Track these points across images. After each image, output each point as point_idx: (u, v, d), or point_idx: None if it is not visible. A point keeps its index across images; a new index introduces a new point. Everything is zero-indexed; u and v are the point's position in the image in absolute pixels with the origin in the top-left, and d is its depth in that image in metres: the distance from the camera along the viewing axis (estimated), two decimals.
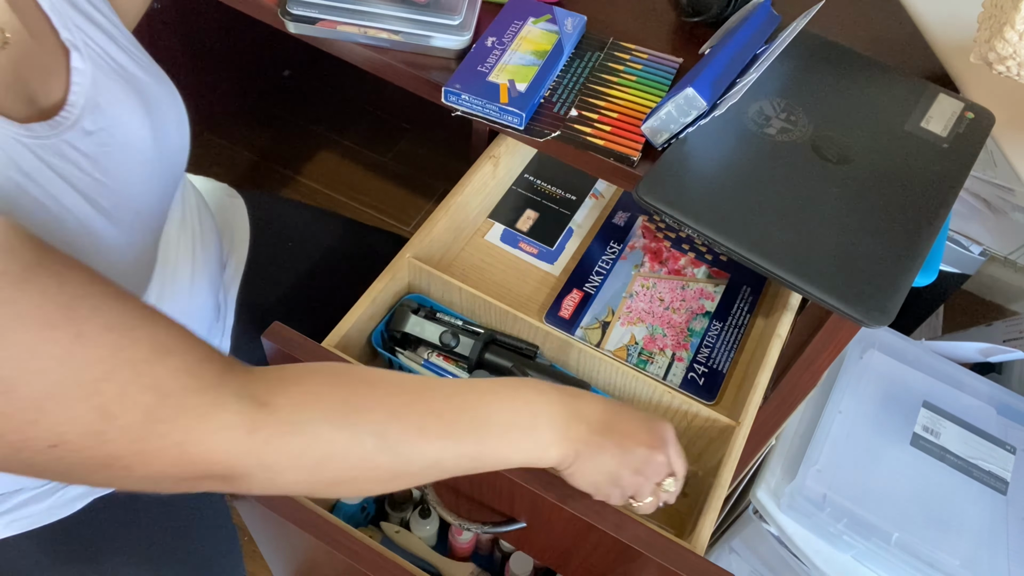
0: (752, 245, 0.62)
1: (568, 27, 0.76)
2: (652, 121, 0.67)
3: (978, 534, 0.91)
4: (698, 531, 0.62)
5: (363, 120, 1.91)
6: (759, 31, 0.74)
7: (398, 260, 0.76)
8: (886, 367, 1.06)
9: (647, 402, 0.73)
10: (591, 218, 0.93)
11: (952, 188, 0.68)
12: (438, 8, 0.72)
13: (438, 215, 0.80)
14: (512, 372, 0.72)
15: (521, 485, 0.58)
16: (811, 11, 0.75)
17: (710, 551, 1.13)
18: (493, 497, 0.63)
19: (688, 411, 0.71)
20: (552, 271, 0.87)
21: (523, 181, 0.95)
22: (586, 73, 0.74)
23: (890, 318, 0.60)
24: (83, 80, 0.54)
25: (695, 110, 0.65)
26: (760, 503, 0.95)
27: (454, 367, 0.74)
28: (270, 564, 0.99)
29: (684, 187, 0.63)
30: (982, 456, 0.98)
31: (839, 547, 0.92)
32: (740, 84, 0.68)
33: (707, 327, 0.84)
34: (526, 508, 0.62)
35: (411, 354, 0.76)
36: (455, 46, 0.73)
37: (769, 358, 0.73)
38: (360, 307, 0.72)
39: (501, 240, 0.89)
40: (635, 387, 0.73)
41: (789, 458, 0.97)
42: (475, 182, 0.84)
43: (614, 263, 0.88)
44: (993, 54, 0.63)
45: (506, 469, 0.54)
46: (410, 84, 0.74)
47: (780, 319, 0.77)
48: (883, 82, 0.75)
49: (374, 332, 0.75)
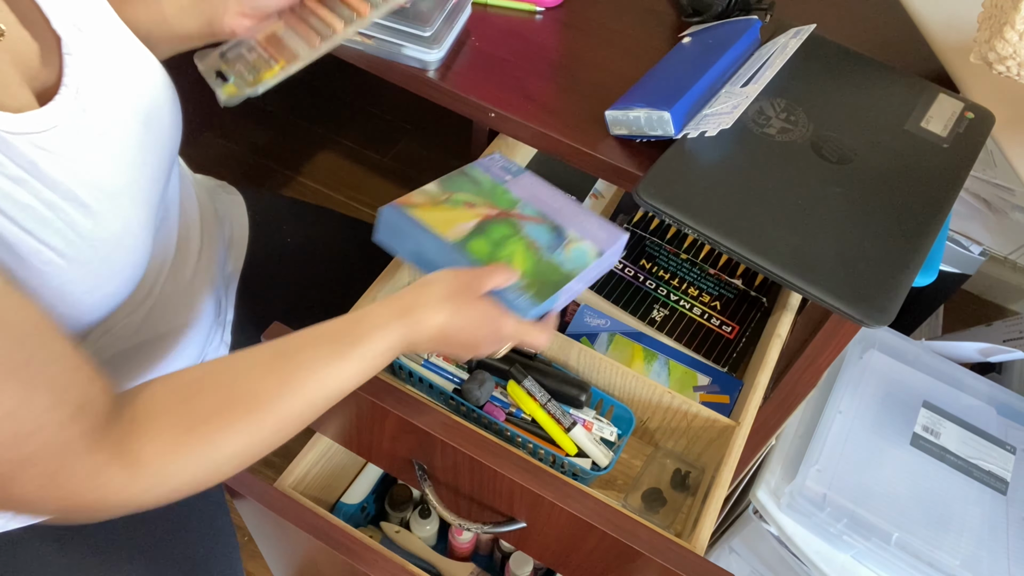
0: (752, 245, 0.62)
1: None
2: (618, 114, 0.67)
3: (978, 534, 0.91)
4: (698, 531, 0.62)
5: (363, 120, 1.91)
6: (743, 55, 0.75)
7: (399, 260, 0.76)
8: (886, 367, 1.06)
9: (647, 402, 0.73)
10: None
11: (952, 188, 0.68)
12: (410, 17, 0.71)
13: None
14: (511, 373, 0.72)
15: (521, 485, 0.58)
16: (804, 31, 0.75)
17: (710, 551, 1.13)
18: (493, 497, 0.63)
19: (688, 411, 0.71)
20: None
21: None
22: None
23: (890, 318, 0.60)
24: (75, 63, 0.55)
25: (662, 131, 0.66)
26: (760, 503, 0.95)
27: (454, 367, 0.74)
28: (270, 564, 0.99)
29: (684, 187, 0.63)
30: (982, 456, 0.98)
31: (839, 547, 0.92)
32: (731, 105, 0.68)
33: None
34: (526, 508, 0.62)
35: (411, 354, 0.75)
36: (428, 58, 0.72)
37: (769, 358, 0.73)
38: (360, 305, 0.72)
39: None
40: (635, 387, 0.73)
41: (789, 458, 0.97)
42: None
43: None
44: (993, 54, 0.63)
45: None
46: (400, 80, 0.74)
47: (780, 319, 0.77)
48: (883, 82, 0.75)
49: None
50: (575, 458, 0.69)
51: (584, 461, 0.69)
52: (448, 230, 0.65)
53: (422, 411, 0.61)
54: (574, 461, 0.68)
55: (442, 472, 0.66)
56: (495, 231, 0.66)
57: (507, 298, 0.61)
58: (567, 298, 0.67)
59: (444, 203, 0.68)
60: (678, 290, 0.82)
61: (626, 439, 0.72)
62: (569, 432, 0.69)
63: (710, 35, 0.76)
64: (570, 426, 0.69)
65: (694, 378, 0.78)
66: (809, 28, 0.76)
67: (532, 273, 0.63)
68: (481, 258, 0.63)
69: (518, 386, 0.70)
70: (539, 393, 0.70)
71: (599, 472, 0.68)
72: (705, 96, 0.70)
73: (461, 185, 0.70)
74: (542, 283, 0.63)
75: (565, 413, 0.70)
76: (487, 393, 0.71)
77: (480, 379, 0.71)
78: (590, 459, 0.70)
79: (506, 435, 0.71)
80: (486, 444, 0.60)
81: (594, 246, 0.68)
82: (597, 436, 0.71)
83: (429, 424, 0.61)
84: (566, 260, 0.66)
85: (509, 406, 0.72)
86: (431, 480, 0.68)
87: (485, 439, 0.60)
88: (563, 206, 0.71)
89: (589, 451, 0.69)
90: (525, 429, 0.71)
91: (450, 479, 0.66)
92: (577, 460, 0.69)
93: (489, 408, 0.71)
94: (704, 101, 0.70)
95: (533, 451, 0.70)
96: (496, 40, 0.78)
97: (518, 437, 0.70)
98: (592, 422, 0.71)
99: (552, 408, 0.70)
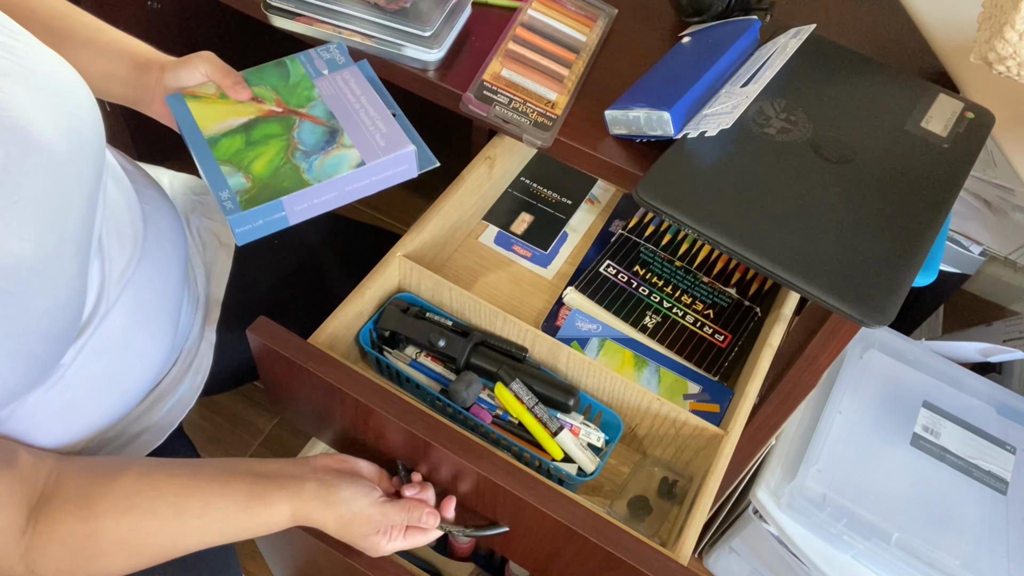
0: (752, 245, 0.62)
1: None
2: (617, 114, 0.67)
3: (978, 534, 0.91)
4: (682, 541, 0.61)
5: None
6: (742, 55, 0.75)
7: (389, 258, 0.76)
8: (886, 367, 1.05)
9: (636, 408, 0.72)
10: (586, 223, 0.92)
11: (952, 188, 0.68)
12: (410, 17, 0.71)
13: (430, 214, 0.79)
14: (499, 375, 0.71)
15: (504, 488, 0.58)
16: (804, 31, 0.75)
17: (710, 551, 1.13)
18: (476, 500, 0.63)
19: (677, 419, 0.70)
20: (545, 275, 0.87)
21: (519, 184, 0.94)
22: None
23: (890, 318, 0.60)
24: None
25: (661, 131, 0.66)
26: (760, 503, 0.95)
27: (442, 368, 0.73)
28: (270, 564, 0.99)
29: (684, 187, 0.63)
30: (982, 456, 0.98)
31: (839, 547, 0.92)
32: (731, 105, 0.68)
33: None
34: (509, 512, 0.61)
35: (399, 353, 0.75)
36: (428, 58, 0.72)
37: (760, 368, 0.72)
38: (348, 305, 0.72)
39: (495, 243, 0.89)
40: (624, 393, 0.72)
41: (789, 458, 0.97)
42: (470, 182, 0.84)
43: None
44: (993, 54, 0.63)
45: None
46: (400, 80, 0.74)
47: (772, 329, 0.76)
48: (883, 82, 0.75)
49: (362, 330, 0.75)
50: (561, 463, 0.68)
51: (570, 466, 0.68)
52: (212, 124, 0.65)
53: (406, 411, 0.61)
54: (560, 466, 0.68)
55: (426, 473, 0.66)
56: (263, 129, 0.65)
57: (218, 200, 0.61)
58: (308, 208, 0.64)
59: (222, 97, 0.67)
60: (671, 297, 0.81)
61: (613, 445, 0.71)
62: (556, 437, 0.69)
63: (710, 35, 0.76)
64: (557, 431, 0.69)
65: (685, 386, 0.77)
66: (809, 28, 0.76)
67: (263, 177, 0.62)
68: (224, 156, 0.63)
69: (506, 388, 0.70)
70: (527, 396, 0.70)
71: (585, 478, 0.68)
72: (705, 96, 0.70)
73: (267, 77, 0.69)
74: (266, 188, 0.61)
75: (552, 417, 0.69)
76: (474, 395, 0.70)
77: (467, 380, 0.70)
78: (576, 464, 0.69)
79: (492, 438, 0.70)
80: (470, 446, 0.60)
81: (358, 154, 0.64)
82: (584, 441, 0.70)
83: (412, 424, 0.60)
84: (316, 167, 0.63)
85: (496, 408, 0.71)
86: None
87: (469, 440, 0.60)
88: (366, 112, 0.67)
89: (575, 456, 0.69)
90: (511, 432, 0.70)
91: (433, 480, 0.66)
92: (563, 465, 0.68)
93: (476, 410, 0.71)
94: (704, 101, 0.70)
95: (519, 454, 0.69)
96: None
97: (504, 440, 0.69)
98: (580, 427, 0.70)
99: (539, 412, 0.69)
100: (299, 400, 0.70)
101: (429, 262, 0.82)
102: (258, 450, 1.39)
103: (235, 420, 1.41)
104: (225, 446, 1.39)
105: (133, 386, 0.68)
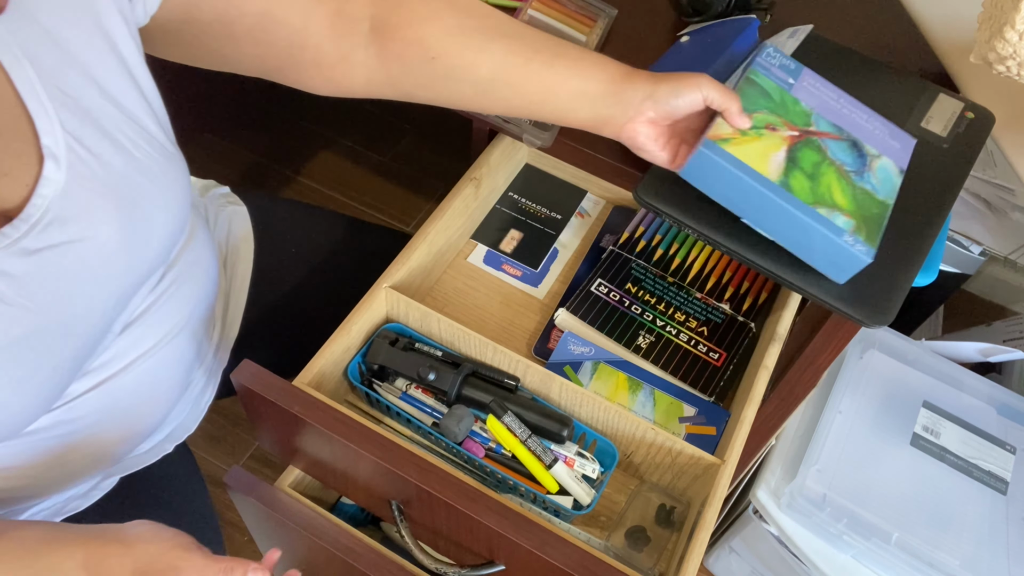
0: (752, 245, 0.61)
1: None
2: None
3: (978, 534, 0.91)
4: (682, 573, 0.60)
5: (363, 120, 1.91)
6: (741, 54, 0.75)
7: (374, 290, 0.73)
8: (886, 367, 1.06)
9: (631, 436, 0.71)
10: (576, 238, 0.90)
11: (952, 188, 0.68)
12: None
13: (416, 242, 0.76)
14: (491, 407, 0.70)
15: (498, 532, 0.57)
16: (802, 31, 0.75)
17: (710, 551, 1.13)
18: (471, 540, 0.61)
19: (672, 448, 0.68)
20: (536, 294, 0.85)
21: (507, 199, 0.91)
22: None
23: (890, 318, 0.60)
24: (49, 192, 0.49)
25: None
26: (760, 503, 0.95)
27: (432, 400, 0.72)
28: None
29: (684, 187, 0.63)
30: (982, 456, 0.98)
31: (839, 547, 0.92)
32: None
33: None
34: (504, 553, 0.60)
35: (389, 386, 0.73)
36: None
37: (756, 392, 0.71)
38: (334, 342, 0.70)
39: (484, 262, 0.86)
40: (618, 423, 0.70)
41: (789, 458, 0.97)
42: (456, 205, 0.81)
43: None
44: (993, 54, 0.63)
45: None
46: None
47: (767, 350, 0.74)
48: (883, 82, 0.75)
49: (350, 365, 0.73)
50: (556, 496, 0.68)
51: (566, 499, 0.67)
52: (765, 166, 0.56)
53: (397, 455, 0.59)
54: (555, 500, 0.67)
55: (419, 514, 0.64)
56: (804, 158, 0.57)
57: (842, 246, 0.54)
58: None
59: (750, 130, 0.58)
60: (664, 315, 0.80)
61: (609, 475, 0.70)
62: (550, 469, 0.68)
63: (709, 34, 0.76)
64: (551, 463, 0.68)
65: (680, 408, 0.76)
66: (807, 28, 0.76)
67: (853, 208, 0.55)
68: (804, 197, 0.55)
69: (498, 422, 0.69)
70: (519, 429, 0.68)
71: (581, 511, 0.66)
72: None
73: (754, 100, 0.60)
74: (866, 219, 0.55)
75: (546, 449, 0.68)
76: (465, 429, 0.69)
77: (459, 415, 0.68)
78: (572, 497, 0.68)
79: (486, 471, 0.69)
80: (463, 489, 0.58)
81: (894, 163, 0.59)
82: (579, 473, 0.69)
83: (404, 468, 0.59)
84: (876, 185, 0.57)
85: (489, 441, 0.70)
86: (408, 520, 0.67)
87: (462, 484, 0.58)
88: (845, 107, 0.61)
89: (571, 489, 0.68)
90: (505, 466, 0.69)
91: (427, 520, 0.64)
92: (558, 498, 0.67)
93: (468, 444, 0.69)
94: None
95: (513, 488, 0.68)
96: None
97: (498, 474, 0.68)
98: (574, 459, 0.69)
99: (533, 444, 0.68)
100: (289, 440, 0.69)
101: (417, 288, 0.80)
102: (258, 450, 1.40)
103: (235, 420, 1.41)
104: (225, 446, 1.39)
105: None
